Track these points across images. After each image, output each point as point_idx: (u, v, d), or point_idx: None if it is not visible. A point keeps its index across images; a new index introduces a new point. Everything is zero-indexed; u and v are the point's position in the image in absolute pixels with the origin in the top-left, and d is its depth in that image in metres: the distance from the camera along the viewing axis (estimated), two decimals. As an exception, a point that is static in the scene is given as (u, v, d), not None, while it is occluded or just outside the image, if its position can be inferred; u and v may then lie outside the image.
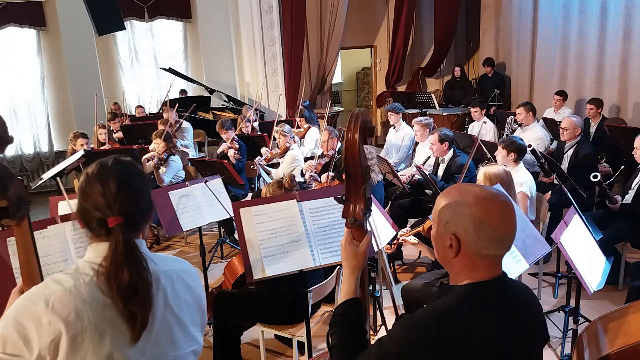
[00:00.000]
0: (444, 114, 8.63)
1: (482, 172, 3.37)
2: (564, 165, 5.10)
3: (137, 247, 1.32)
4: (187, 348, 1.43)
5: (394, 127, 6.54)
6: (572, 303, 3.29)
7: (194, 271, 1.52)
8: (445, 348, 1.23)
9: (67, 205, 3.07)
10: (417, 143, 5.96)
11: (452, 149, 4.94)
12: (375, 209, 3.19)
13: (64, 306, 1.23)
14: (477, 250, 1.29)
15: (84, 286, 1.26)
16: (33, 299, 1.25)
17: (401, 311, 3.21)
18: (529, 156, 5.06)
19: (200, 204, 3.87)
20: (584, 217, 3.03)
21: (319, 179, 4.96)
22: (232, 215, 3.14)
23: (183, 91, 9.96)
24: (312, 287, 2.80)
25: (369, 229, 1.49)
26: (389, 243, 3.35)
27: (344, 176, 1.43)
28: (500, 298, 1.33)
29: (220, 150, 6.00)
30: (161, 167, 5.26)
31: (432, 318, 1.26)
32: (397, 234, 3.37)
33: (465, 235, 1.29)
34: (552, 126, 6.38)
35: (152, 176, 5.80)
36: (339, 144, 5.32)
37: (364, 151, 1.39)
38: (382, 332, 3.57)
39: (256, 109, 8.14)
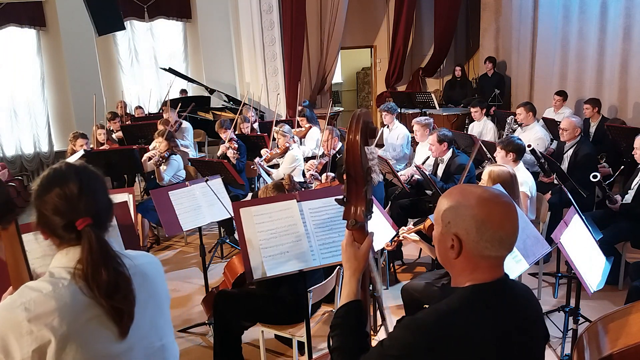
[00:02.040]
0: (444, 114, 8.64)
1: (487, 171, 3.36)
2: (564, 165, 5.10)
3: (110, 245, 1.32)
4: (170, 336, 1.47)
5: (387, 127, 6.54)
6: (572, 303, 3.29)
7: (160, 263, 1.55)
8: (447, 350, 1.23)
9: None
10: (417, 143, 5.96)
11: (451, 149, 4.94)
12: (376, 209, 3.18)
13: (46, 312, 1.20)
14: (478, 251, 1.29)
15: (63, 290, 1.24)
16: (10, 308, 1.21)
17: (389, 316, 3.20)
18: (529, 156, 5.06)
19: (200, 204, 3.87)
20: (584, 217, 3.03)
21: (320, 178, 4.96)
22: (232, 215, 3.14)
23: (183, 91, 9.96)
24: (312, 287, 2.80)
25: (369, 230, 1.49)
26: (389, 240, 3.34)
27: (344, 177, 1.42)
28: (502, 300, 1.32)
29: (220, 153, 6.01)
30: (162, 165, 5.27)
31: (433, 320, 1.26)
32: (397, 232, 3.36)
33: (467, 236, 1.29)
34: (552, 126, 6.38)
35: (152, 175, 5.81)
36: (340, 144, 5.31)
37: (365, 152, 1.38)
38: (382, 332, 3.57)
39: (255, 109, 8.13)
